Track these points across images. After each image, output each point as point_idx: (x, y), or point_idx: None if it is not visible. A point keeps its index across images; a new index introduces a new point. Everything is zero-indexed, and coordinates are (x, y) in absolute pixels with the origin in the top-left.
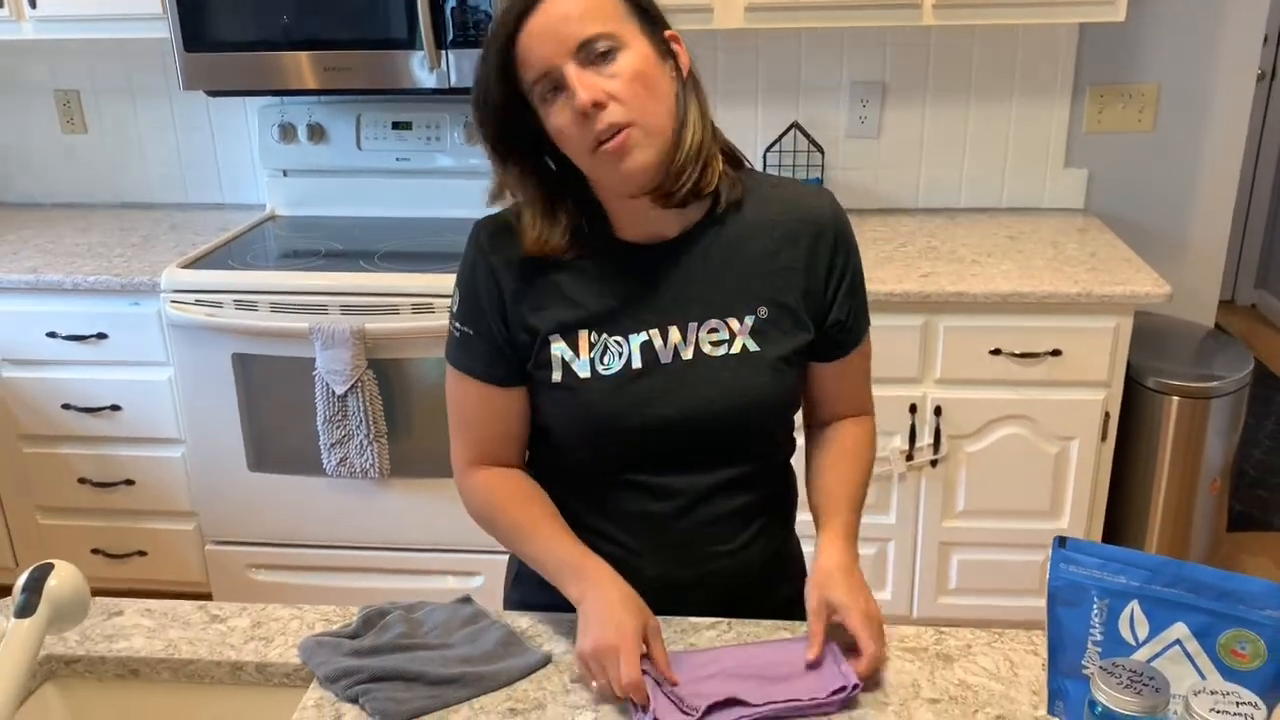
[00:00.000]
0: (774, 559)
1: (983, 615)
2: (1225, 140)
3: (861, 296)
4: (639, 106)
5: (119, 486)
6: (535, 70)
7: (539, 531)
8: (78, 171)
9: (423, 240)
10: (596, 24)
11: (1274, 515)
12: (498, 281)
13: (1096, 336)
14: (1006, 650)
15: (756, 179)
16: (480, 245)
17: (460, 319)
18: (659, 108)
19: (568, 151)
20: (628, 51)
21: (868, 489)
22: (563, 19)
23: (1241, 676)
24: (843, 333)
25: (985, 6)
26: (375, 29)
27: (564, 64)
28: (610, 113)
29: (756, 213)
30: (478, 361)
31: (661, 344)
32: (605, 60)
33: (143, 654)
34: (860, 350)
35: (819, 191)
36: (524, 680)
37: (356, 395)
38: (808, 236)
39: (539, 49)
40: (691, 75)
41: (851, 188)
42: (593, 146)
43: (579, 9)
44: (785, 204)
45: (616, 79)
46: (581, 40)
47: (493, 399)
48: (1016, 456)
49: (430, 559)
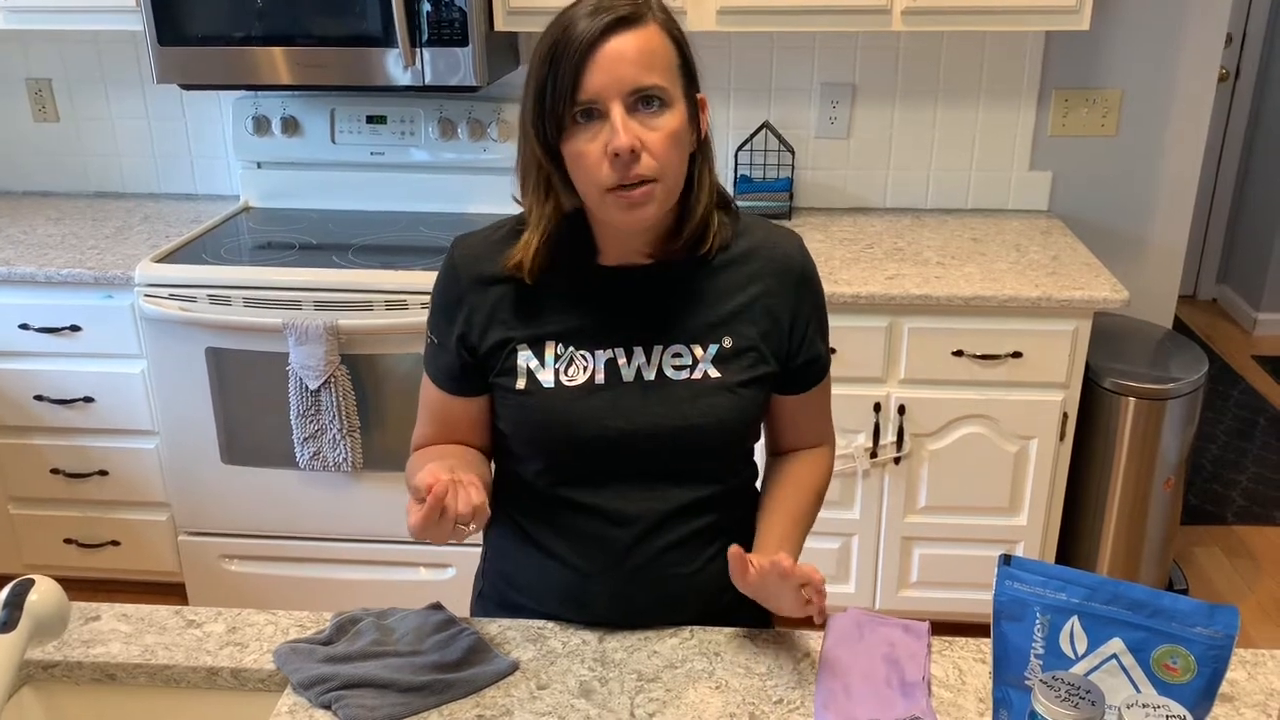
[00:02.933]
0: (728, 588)
1: (943, 608)
2: (1186, 144)
3: (825, 335)
4: (667, 165)
5: (92, 477)
6: (582, 96)
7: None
8: (49, 160)
9: (397, 234)
10: (655, 75)
11: (1227, 509)
12: (467, 302)
13: (1056, 339)
14: (956, 658)
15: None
16: (454, 262)
17: (430, 327)
18: (680, 169)
19: (578, 178)
20: (672, 110)
21: (815, 517)
22: (623, 58)
23: (1173, 690)
24: (806, 372)
25: (953, 14)
26: (350, 26)
27: (612, 102)
28: (643, 165)
29: (733, 250)
30: (440, 371)
31: (625, 362)
32: (650, 111)
33: (119, 659)
34: (820, 387)
35: (789, 234)
36: (492, 687)
37: (330, 390)
38: (776, 277)
39: (596, 78)
40: (707, 137)
41: (820, 187)
42: (611, 186)
43: (643, 55)
44: (759, 243)
45: (656, 133)
46: (638, 87)
47: (453, 406)
48: (977, 455)
49: (402, 551)
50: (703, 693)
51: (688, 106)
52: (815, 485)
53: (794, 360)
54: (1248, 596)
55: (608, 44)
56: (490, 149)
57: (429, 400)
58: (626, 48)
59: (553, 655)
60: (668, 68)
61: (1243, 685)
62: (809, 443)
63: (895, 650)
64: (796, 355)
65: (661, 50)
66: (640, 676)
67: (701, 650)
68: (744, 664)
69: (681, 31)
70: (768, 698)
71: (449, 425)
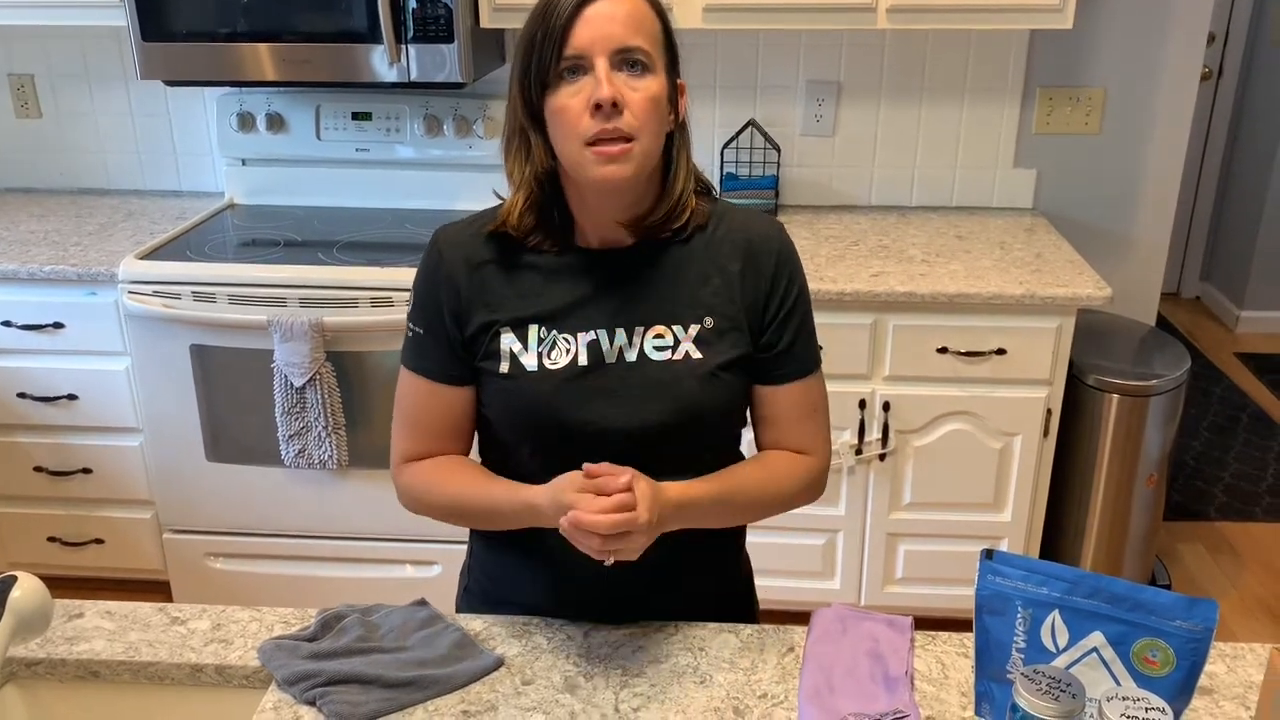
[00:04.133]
0: (722, 578)
1: (928, 604)
2: (1169, 143)
3: (805, 331)
4: (645, 127)
5: (76, 475)
6: (569, 50)
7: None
8: (32, 157)
9: (382, 231)
10: (640, 38)
11: (1209, 505)
12: (454, 283)
13: (1039, 336)
14: (939, 652)
15: (717, 205)
16: (438, 248)
17: (414, 320)
18: (657, 139)
19: (558, 134)
20: (654, 76)
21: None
22: (613, 18)
23: (1152, 683)
24: (781, 357)
25: (937, 12)
26: (336, 22)
27: (597, 58)
28: (624, 121)
29: (711, 231)
30: (429, 361)
31: (608, 345)
32: (634, 73)
33: (103, 656)
34: (804, 384)
35: (771, 220)
36: (477, 683)
37: (315, 387)
38: (754, 254)
39: (583, 34)
40: (685, 122)
41: (806, 185)
42: (589, 139)
43: (631, 17)
44: (738, 226)
45: (638, 94)
46: (625, 45)
47: (441, 395)
48: (961, 451)
49: (388, 548)
50: (687, 688)
51: (668, 83)
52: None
53: (766, 338)
54: (1230, 592)
55: (598, 3)
56: (476, 145)
57: (409, 399)
58: (617, 9)
59: (538, 651)
60: (653, 36)
61: (1222, 678)
62: (792, 446)
63: (878, 645)
64: (768, 335)
65: (649, 20)
66: (625, 672)
67: (686, 645)
68: (728, 659)
69: (667, 15)
70: (752, 692)
71: (431, 423)
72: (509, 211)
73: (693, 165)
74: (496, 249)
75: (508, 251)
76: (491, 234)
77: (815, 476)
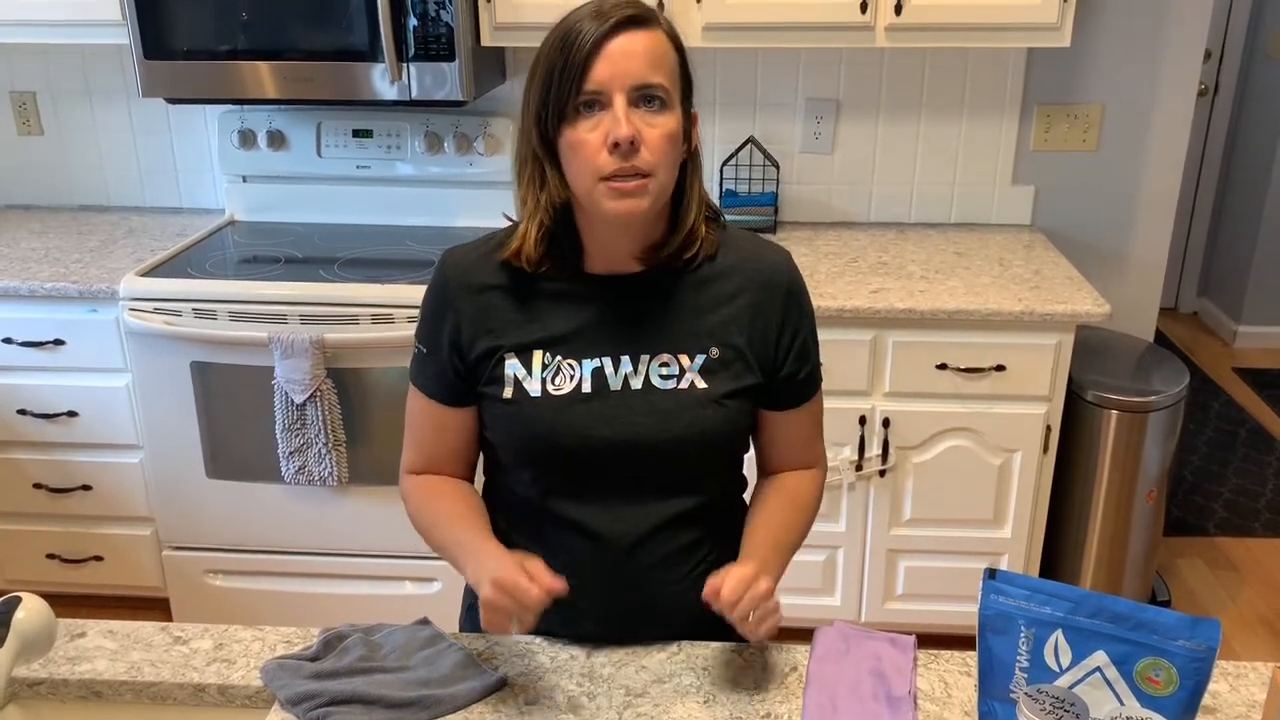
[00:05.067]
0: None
1: (929, 621)
2: (1166, 159)
3: (814, 357)
4: (661, 163)
5: (75, 492)
6: (589, 85)
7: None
8: (34, 174)
9: (383, 248)
10: (659, 74)
11: (1208, 520)
12: (457, 309)
13: (1039, 352)
14: (941, 671)
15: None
16: (445, 272)
17: (419, 338)
18: (672, 173)
19: (573, 168)
20: (670, 112)
21: (803, 536)
22: (632, 54)
23: (1156, 702)
24: (792, 386)
25: (935, 30)
26: (337, 40)
27: (616, 94)
28: (640, 158)
29: (720, 261)
30: (430, 380)
31: (613, 371)
32: (651, 109)
33: (106, 676)
34: (809, 406)
35: (778, 249)
36: (480, 703)
37: (315, 404)
38: (764, 288)
39: (603, 70)
40: (697, 151)
41: (805, 202)
42: (605, 175)
43: (650, 52)
44: (746, 255)
45: (655, 130)
46: (644, 82)
47: (441, 416)
48: (961, 467)
49: (388, 565)
50: (690, 708)
51: (683, 115)
52: (802, 502)
53: (779, 372)
54: (1230, 608)
55: (618, 38)
56: (477, 163)
57: (417, 414)
58: (636, 45)
59: (540, 670)
60: (671, 72)
61: (1225, 697)
62: (798, 463)
63: (881, 664)
64: (782, 367)
65: (667, 55)
66: (628, 692)
67: (689, 665)
68: (731, 678)
69: (684, 47)
70: (755, 712)
71: (438, 440)
72: (522, 241)
73: (704, 193)
74: (504, 274)
75: (515, 277)
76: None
77: (822, 485)
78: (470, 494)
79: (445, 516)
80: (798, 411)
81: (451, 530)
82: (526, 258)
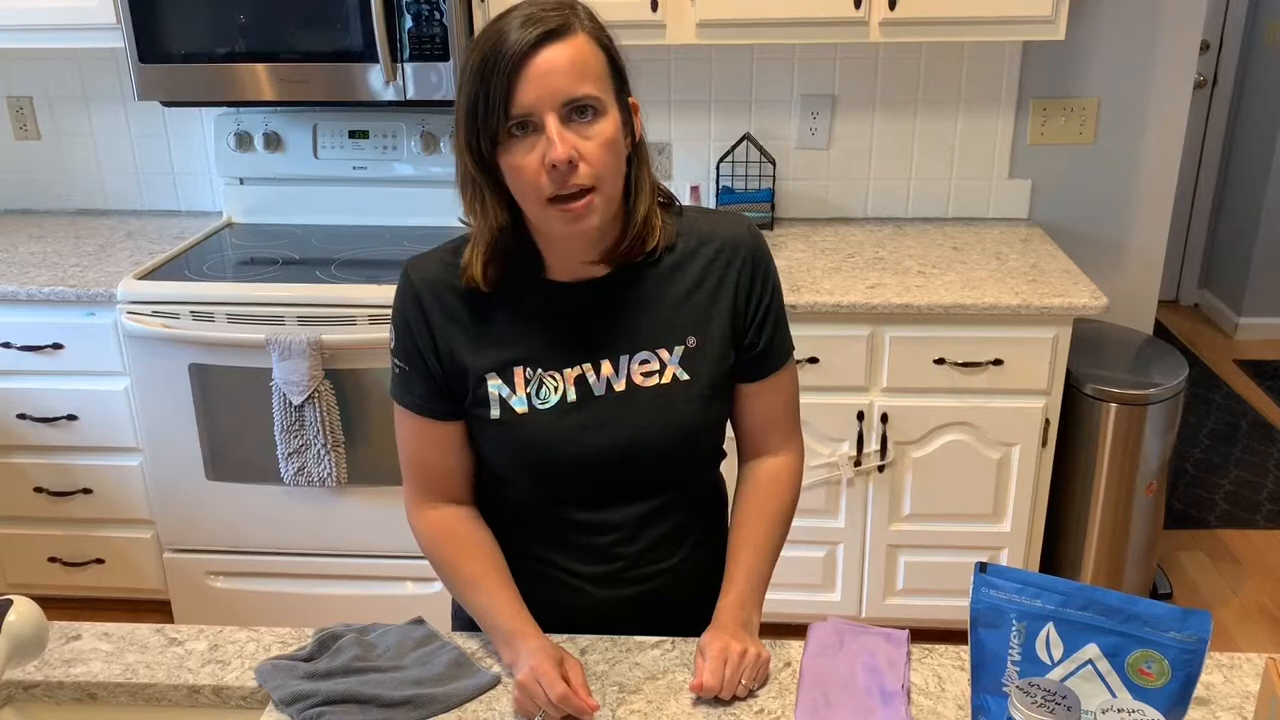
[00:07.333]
0: (708, 573)
1: (929, 615)
2: (1162, 151)
3: (781, 322)
4: (604, 173)
5: (75, 495)
6: (516, 110)
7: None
8: (31, 178)
9: (380, 248)
10: (587, 85)
11: (1210, 513)
12: (428, 320)
13: (1037, 346)
14: (935, 665)
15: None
16: (411, 285)
17: (397, 355)
18: (618, 176)
19: (517, 190)
20: (606, 118)
21: (787, 526)
22: (555, 71)
23: (1148, 694)
24: (761, 355)
25: (930, 25)
26: (332, 42)
27: (546, 114)
28: (580, 175)
29: (681, 248)
30: (416, 397)
31: (595, 377)
32: (585, 120)
33: (100, 678)
34: (781, 375)
35: (738, 219)
36: (474, 701)
37: (314, 405)
38: (725, 260)
39: (528, 93)
40: (642, 140)
41: (802, 198)
42: (550, 197)
43: (574, 66)
44: (706, 235)
45: (592, 142)
46: (571, 98)
47: (433, 432)
48: (960, 462)
49: (388, 565)
50: (684, 704)
51: (621, 112)
52: (781, 509)
53: (744, 340)
54: (1231, 600)
55: (538, 56)
56: None
57: (410, 438)
58: (558, 59)
59: None
60: (599, 76)
61: (1219, 688)
62: (772, 443)
63: (875, 659)
64: (747, 332)
65: (592, 59)
66: (622, 688)
67: (683, 661)
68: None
69: (610, 37)
70: (749, 708)
71: (440, 458)
72: (468, 267)
73: (653, 180)
74: (469, 292)
75: (480, 295)
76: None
77: (798, 475)
78: (493, 550)
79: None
80: (769, 383)
81: (486, 606)
82: (479, 280)
